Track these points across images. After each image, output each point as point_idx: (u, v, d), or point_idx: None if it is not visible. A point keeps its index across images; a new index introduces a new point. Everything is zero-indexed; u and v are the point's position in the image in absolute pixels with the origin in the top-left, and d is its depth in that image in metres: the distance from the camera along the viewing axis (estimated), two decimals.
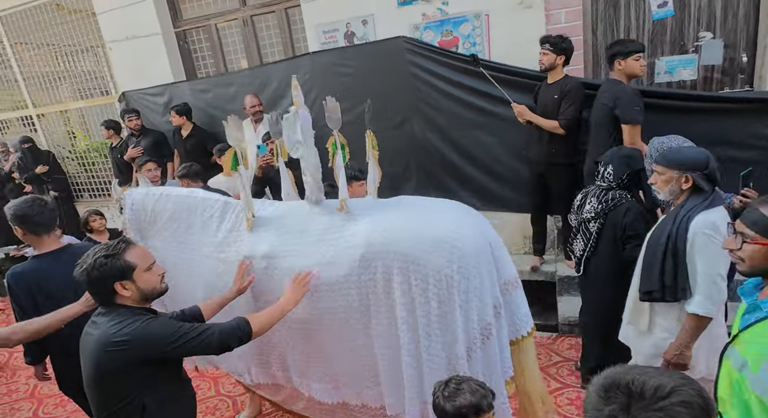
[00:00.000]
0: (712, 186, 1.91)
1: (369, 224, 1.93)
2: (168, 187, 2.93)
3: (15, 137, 5.93)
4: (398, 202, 2.12)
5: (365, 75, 4.27)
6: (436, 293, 1.75)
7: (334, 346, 2.02)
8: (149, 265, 1.60)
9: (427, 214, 1.99)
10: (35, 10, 5.65)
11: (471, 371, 1.78)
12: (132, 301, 1.57)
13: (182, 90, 5.09)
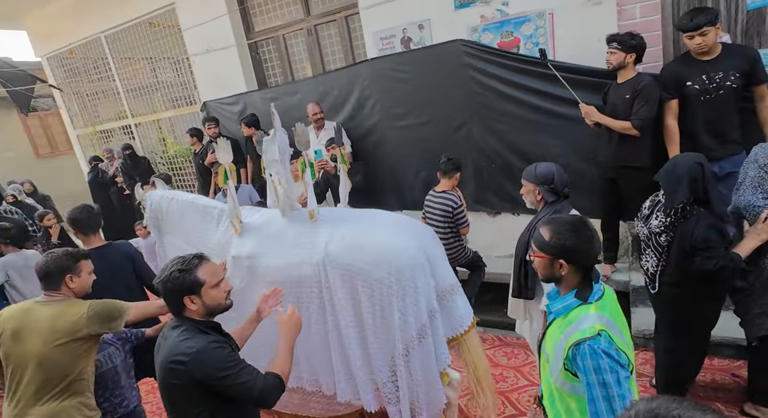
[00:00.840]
0: (557, 197, 2.25)
1: (329, 235, 2.21)
2: (178, 191, 3.18)
3: (118, 145, 6.57)
4: (359, 216, 2.43)
5: (422, 79, 4.16)
6: (379, 300, 2.05)
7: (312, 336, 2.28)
8: (217, 281, 1.64)
9: (377, 228, 2.26)
10: (133, 28, 6.20)
11: (410, 364, 2.09)
12: (198, 314, 1.62)
13: (254, 98, 5.31)
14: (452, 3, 3.93)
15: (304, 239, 2.26)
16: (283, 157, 2.30)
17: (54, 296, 2.05)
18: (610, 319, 1.40)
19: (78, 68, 7.08)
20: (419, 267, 2.10)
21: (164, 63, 6.25)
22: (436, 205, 3.47)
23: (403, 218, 2.52)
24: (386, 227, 2.28)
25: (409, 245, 2.14)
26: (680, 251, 2.19)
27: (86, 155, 7.35)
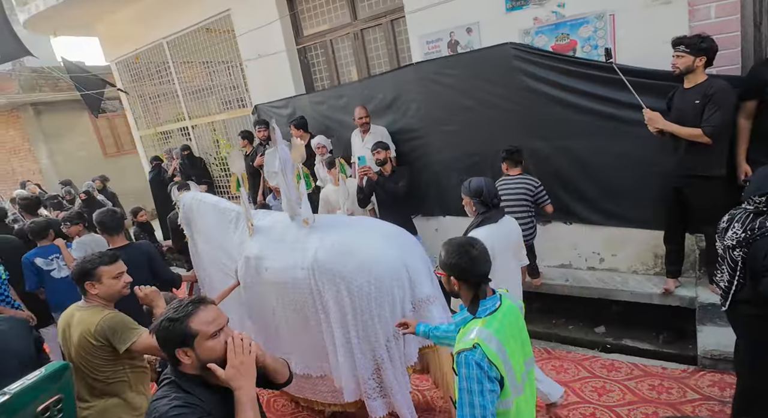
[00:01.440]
0: (487, 208, 2.49)
1: (319, 241, 2.40)
2: (205, 194, 3.46)
3: (177, 146, 6.83)
4: (351, 224, 2.66)
5: (468, 84, 3.99)
6: (359, 303, 2.23)
7: (298, 329, 2.53)
8: (215, 331, 1.37)
9: (364, 237, 2.41)
10: (192, 34, 6.38)
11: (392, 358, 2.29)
12: (192, 368, 1.38)
13: (302, 102, 5.33)
14: (503, 5, 3.72)
15: (298, 245, 2.46)
16: (284, 168, 2.49)
17: (88, 301, 2.10)
18: (493, 334, 1.50)
19: (142, 72, 7.41)
20: (398, 276, 2.27)
21: (219, 67, 6.40)
22: (514, 189, 3.52)
23: (392, 227, 2.64)
24: (373, 236, 2.45)
25: (390, 255, 2.31)
26: (751, 268, 2.01)
27: (147, 155, 7.72)
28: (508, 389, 1.49)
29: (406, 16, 4.35)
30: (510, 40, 3.65)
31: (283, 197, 2.57)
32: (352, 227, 2.57)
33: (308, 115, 5.13)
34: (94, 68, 8.03)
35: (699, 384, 2.86)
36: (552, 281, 3.95)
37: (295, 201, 2.57)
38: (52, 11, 6.32)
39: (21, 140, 10.79)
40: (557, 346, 3.63)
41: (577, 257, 4.01)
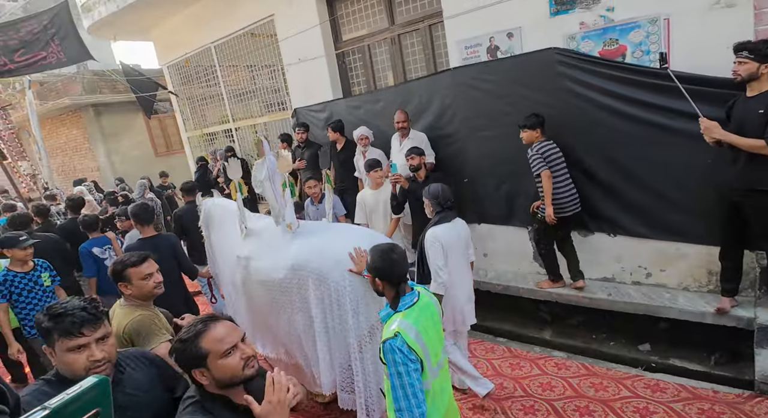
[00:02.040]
0: (441, 209, 2.84)
1: (299, 246, 2.60)
2: (219, 198, 3.71)
3: (221, 147, 6.99)
4: (329, 228, 2.86)
5: (508, 89, 3.83)
6: (336, 299, 2.38)
7: (283, 325, 2.69)
8: (227, 349, 1.31)
9: (340, 239, 2.57)
10: (237, 39, 6.51)
11: (364, 359, 2.38)
12: (213, 388, 1.34)
13: (339, 106, 5.31)
14: (547, 10, 3.52)
15: (282, 247, 2.68)
16: (272, 178, 2.70)
17: (126, 300, 2.15)
18: (412, 324, 1.70)
19: (191, 75, 7.65)
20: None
21: (262, 71, 6.49)
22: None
23: (366, 231, 2.96)
24: (348, 237, 2.61)
25: None
26: None
27: (194, 155, 7.98)
28: (426, 372, 1.71)
29: (445, 22, 4.21)
30: (554, 46, 3.45)
31: (270, 204, 2.78)
32: (329, 231, 2.77)
33: (345, 119, 5.11)
34: (148, 71, 8.38)
35: (756, 411, 2.62)
36: (593, 295, 3.74)
37: (281, 208, 2.74)
38: (113, 17, 6.64)
39: (82, 139, 11.45)
40: (597, 362, 3.43)
41: (621, 270, 3.77)
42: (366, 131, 4.70)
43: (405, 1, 4.77)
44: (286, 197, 2.73)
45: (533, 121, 3.50)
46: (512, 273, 4.31)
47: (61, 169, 12.26)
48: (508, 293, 4.20)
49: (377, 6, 4.99)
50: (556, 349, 3.75)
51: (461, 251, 2.89)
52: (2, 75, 5.83)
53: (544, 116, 3.51)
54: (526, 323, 4.20)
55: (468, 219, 4.45)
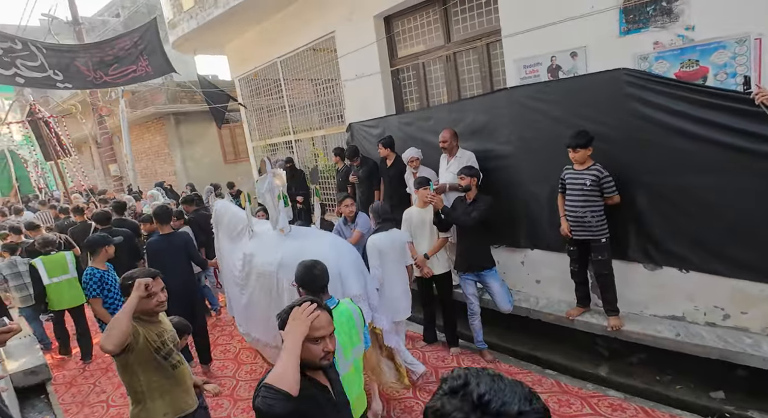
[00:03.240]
0: (381, 221, 3.60)
1: (285, 247, 3.08)
2: (228, 203, 4.29)
3: (282, 157, 7.15)
4: (310, 235, 3.36)
5: (569, 111, 3.50)
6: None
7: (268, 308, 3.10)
8: (318, 337, 1.45)
9: (315, 244, 3.02)
10: (301, 54, 6.62)
11: None
12: None
13: (391, 122, 5.20)
14: (616, 28, 3.16)
15: (275, 246, 3.16)
16: (271, 191, 3.26)
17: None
18: None
19: (259, 88, 7.90)
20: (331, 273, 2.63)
21: (323, 85, 6.54)
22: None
23: (339, 240, 3.35)
24: (322, 244, 3.07)
25: (330, 257, 2.77)
26: None
27: (257, 164, 8.22)
28: (337, 366, 1.91)
29: (503, 40, 3.95)
30: (622, 66, 3.10)
31: (269, 212, 3.35)
32: (310, 237, 3.26)
33: (396, 136, 4.98)
34: (222, 83, 8.77)
35: None
36: (658, 333, 3.32)
37: (276, 215, 3.30)
38: (194, 33, 7.06)
39: (163, 145, 12.27)
40: (659, 406, 3.06)
41: (694, 309, 3.31)
42: (416, 153, 4.55)
43: (462, 19, 4.55)
44: (280, 207, 3.27)
45: (587, 139, 3.19)
46: (566, 303, 3.96)
47: (144, 172, 13.27)
48: (561, 324, 3.86)
49: (433, 24, 4.81)
50: (612, 388, 3.37)
51: (396, 255, 3.51)
52: (98, 87, 6.35)
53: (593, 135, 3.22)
54: (580, 357, 3.82)
55: (521, 244, 4.18)
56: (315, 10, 5.89)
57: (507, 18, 3.90)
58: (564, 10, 3.46)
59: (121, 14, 15.81)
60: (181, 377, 2.22)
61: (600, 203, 3.30)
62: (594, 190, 3.27)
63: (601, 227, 3.32)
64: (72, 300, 4.59)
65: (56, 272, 4.49)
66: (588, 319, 3.69)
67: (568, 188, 3.42)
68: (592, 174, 3.25)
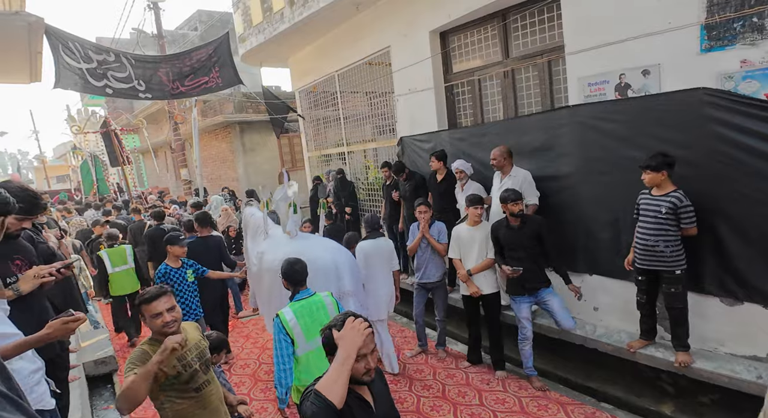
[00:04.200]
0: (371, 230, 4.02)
1: (288, 247, 3.45)
2: (253, 208, 4.50)
3: (333, 169, 7.22)
4: (310, 238, 3.84)
5: (638, 131, 3.21)
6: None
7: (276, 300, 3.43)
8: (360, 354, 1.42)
9: (313, 246, 3.46)
10: (357, 68, 6.67)
11: None
12: None
13: (443, 137, 5.06)
14: (696, 45, 2.84)
15: (282, 246, 3.56)
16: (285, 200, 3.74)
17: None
18: (291, 311, 2.46)
19: (317, 100, 8.05)
20: (328, 272, 3.23)
21: (376, 99, 6.55)
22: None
23: (332, 242, 3.69)
24: (319, 246, 3.50)
25: (327, 258, 3.27)
26: None
27: (311, 174, 8.39)
28: (297, 345, 2.39)
29: (566, 57, 3.70)
30: (702, 85, 2.77)
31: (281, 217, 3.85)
32: (310, 240, 3.70)
33: (448, 151, 4.83)
34: (283, 94, 9.03)
35: None
36: (735, 374, 2.93)
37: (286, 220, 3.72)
38: (260, 47, 7.38)
39: (228, 152, 12.87)
40: None
41: None
42: (462, 165, 4.38)
43: (522, 35, 4.34)
44: (289, 213, 3.68)
45: (659, 162, 2.88)
46: (627, 334, 3.62)
47: (210, 177, 13.99)
48: (620, 356, 3.53)
49: (491, 39, 4.64)
50: None
51: (381, 260, 3.87)
52: (174, 97, 6.74)
53: (674, 158, 2.88)
54: (641, 391, 3.47)
55: (578, 268, 3.88)
56: (372, 25, 5.92)
57: (571, 34, 3.66)
58: (636, 26, 3.18)
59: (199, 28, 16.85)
60: (207, 399, 2.06)
61: (675, 233, 2.95)
62: (670, 219, 2.93)
63: (676, 257, 2.98)
64: (130, 287, 5.11)
65: (118, 263, 5.00)
66: (652, 352, 3.35)
67: (642, 214, 3.10)
68: (670, 201, 2.92)
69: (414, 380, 3.88)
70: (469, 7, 4.46)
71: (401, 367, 4.07)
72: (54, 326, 1.68)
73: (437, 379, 3.86)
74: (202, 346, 2.13)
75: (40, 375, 1.80)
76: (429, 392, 3.66)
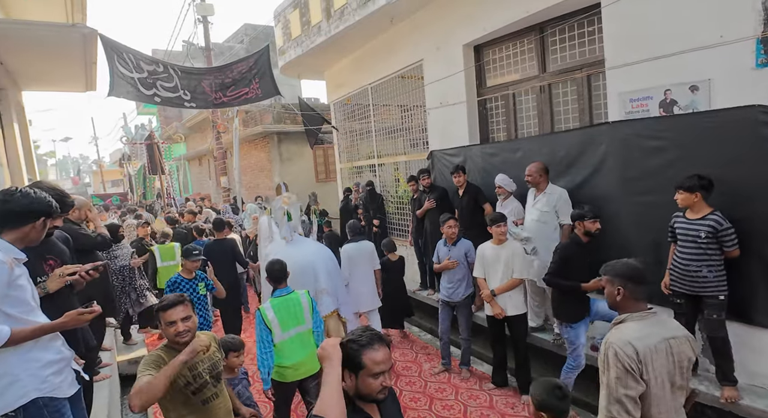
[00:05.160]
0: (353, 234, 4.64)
1: (283, 250, 3.73)
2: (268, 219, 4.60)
3: (363, 181, 7.19)
4: (301, 242, 3.96)
5: (685, 151, 2.97)
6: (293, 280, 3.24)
7: None
8: (378, 372, 1.38)
9: (302, 250, 3.79)
10: (390, 81, 6.65)
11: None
12: (349, 390, 1.41)
13: (474, 152, 4.92)
14: (752, 60, 2.60)
15: (280, 249, 3.80)
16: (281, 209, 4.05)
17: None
18: (270, 305, 2.88)
19: (350, 112, 8.08)
20: (307, 271, 3.59)
21: (408, 112, 6.49)
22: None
23: (321, 247, 4.00)
24: (303, 250, 3.77)
25: (309, 259, 3.65)
26: None
27: (343, 185, 8.39)
28: (274, 334, 2.82)
29: (607, 71, 3.50)
30: (757, 102, 2.53)
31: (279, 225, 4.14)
32: (298, 244, 3.91)
33: (479, 166, 4.69)
34: (320, 106, 9.14)
35: None
36: None
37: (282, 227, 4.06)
38: (299, 59, 7.53)
39: (266, 162, 13.15)
40: None
41: None
42: (502, 181, 4.20)
43: (561, 49, 4.17)
44: (284, 221, 4.03)
45: (693, 183, 2.72)
46: None
47: (248, 185, 14.34)
48: None
49: (527, 53, 4.49)
50: None
51: (364, 260, 4.37)
52: (217, 107, 6.96)
53: (711, 180, 2.70)
54: None
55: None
56: (406, 38, 5.89)
57: (613, 48, 3.46)
58: (684, 40, 2.96)
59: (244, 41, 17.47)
60: (213, 413, 2.01)
61: (719, 257, 2.75)
62: (711, 243, 2.72)
63: (719, 282, 2.76)
64: None
65: (167, 258, 5.51)
66: (694, 385, 3.04)
67: (679, 239, 2.89)
68: (708, 225, 2.72)
69: (435, 399, 3.71)
70: (506, 20, 4.34)
71: (423, 384, 3.91)
72: (69, 316, 1.79)
73: (459, 399, 3.68)
74: (216, 358, 2.09)
75: (62, 365, 1.86)
76: (450, 412, 3.49)
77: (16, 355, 1.68)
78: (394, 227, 6.92)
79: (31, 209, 1.77)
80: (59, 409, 1.79)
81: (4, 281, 1.63)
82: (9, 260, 1.67)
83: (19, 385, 1.67)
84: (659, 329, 1.71)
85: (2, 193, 1.78)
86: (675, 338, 1.69)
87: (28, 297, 1.75)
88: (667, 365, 1.66)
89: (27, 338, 1.69)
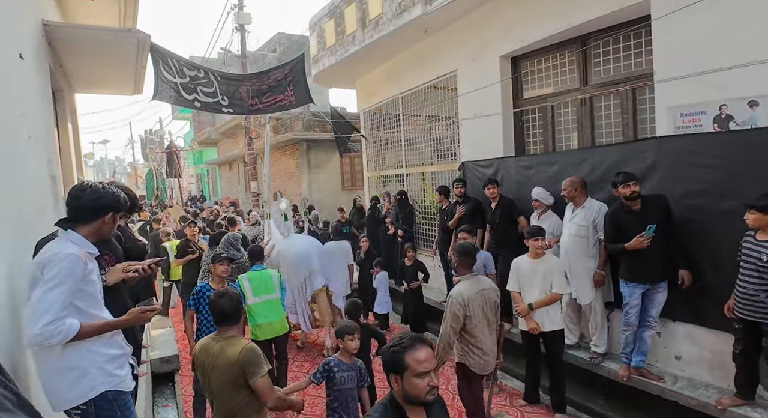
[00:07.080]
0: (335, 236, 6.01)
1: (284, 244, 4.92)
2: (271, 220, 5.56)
3: (395, 190, 7.10)
4: (296, 236, 5.32)
5: (742, 169, 2.80)
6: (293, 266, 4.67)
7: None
8: (422, 371, 1.40)
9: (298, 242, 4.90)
10: (421, 91, 6.60)
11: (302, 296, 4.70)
12: (399, 396, 1.45)
13: (508, 164, 4.80)
14: None
15: (281, 244, 4.88)
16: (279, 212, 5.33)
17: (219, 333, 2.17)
18: (246, 276, 3.80)
19: (380, 122, 8.03)
20: (303, 258, 4.63)
21: (439, 123, 6.42)
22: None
23: (312, 240, 5.06)
24: (299, 242, 4.91)
25: (305, 249, 4.71)
26: None
27: (369, 193, 8.35)
28: (247, 297, 3.68)
29: (655, 85, 3.35)
30: None
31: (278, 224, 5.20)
32: (295, 238, 4.96)
33: (513, 179, 4.56)
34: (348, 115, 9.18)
35: None
36: None
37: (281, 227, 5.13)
38: (331, 68, 7.58)
39: (294, 168, 13.30)
40: None
41: None
42: (539, 194, 4.07)
43: (604, 61, 4.03)
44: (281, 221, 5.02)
45: (765, 203, 2.54)
46: (715, 389, 3.10)
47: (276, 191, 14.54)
48: (705, 412, 3.01)
49: (568, 65, 4.36)
50: None
51: (341, 256, 5.05)
52: (252, 113, 7.04)
53: None
54: None
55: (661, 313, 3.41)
56: (440, 48, 5.84)
57: (662, 61, 3.31)
58: (741, 53, 2.80)
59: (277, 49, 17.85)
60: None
61: None
62: None
63: None
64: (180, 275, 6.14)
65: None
66: (748, 413, 2.83)
67: (743, 260, 2.71)
68: None
69: (463, 413, 3.56)
70: (546, 32, 4.24)
71: (450, 398, 3.78)
72: (133, 313, 1.82)
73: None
74: None
75: (123, 360, 1.88)
76: None
77: (84, 349, 1.70)
78: (420, 236, 6.82)
79: (101, 203, 1.79)
80: (126, 402, 1.80)
81: (79, 274, 1.64)
82: (83, 253, 1.68)
83: (89, 377, 1.69)
84: (477, 285, 2.86)
85: (73, 189, 1.81)
86: (486, 289, 2.87)
87: (96, 292, 1.78)
88: (482, 305, 2.82)
89: (95, 332, 1.70)
